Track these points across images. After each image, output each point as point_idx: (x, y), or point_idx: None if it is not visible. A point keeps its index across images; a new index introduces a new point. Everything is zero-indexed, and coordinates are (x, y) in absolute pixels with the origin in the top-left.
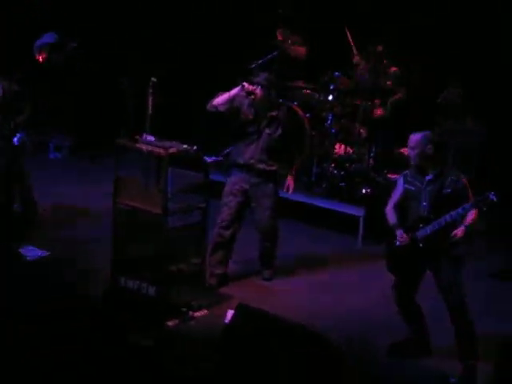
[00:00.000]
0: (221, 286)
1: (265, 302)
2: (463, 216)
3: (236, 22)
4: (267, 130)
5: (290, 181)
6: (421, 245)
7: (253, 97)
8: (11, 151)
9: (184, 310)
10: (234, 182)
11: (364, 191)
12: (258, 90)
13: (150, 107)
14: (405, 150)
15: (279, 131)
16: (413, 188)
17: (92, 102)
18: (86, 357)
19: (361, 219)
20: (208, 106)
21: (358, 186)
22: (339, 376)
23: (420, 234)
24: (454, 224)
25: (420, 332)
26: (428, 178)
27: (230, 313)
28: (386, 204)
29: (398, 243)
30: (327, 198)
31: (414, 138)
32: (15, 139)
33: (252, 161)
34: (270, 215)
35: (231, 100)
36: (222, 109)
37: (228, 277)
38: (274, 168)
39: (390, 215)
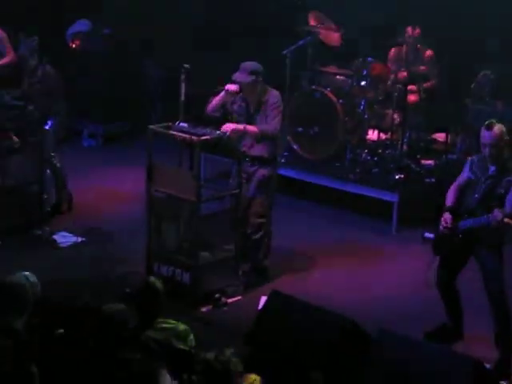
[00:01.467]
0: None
1: (297, 288)
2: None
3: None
4: (256, 116)
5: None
6: (460, 235)
7: (240, 94)
8: (41, 138)
9: (218, 296)
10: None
11: (397, 177)
12: (243, 87)
13: (183, 94)
14: (438, 136)
15: (265, 115)
16: (473, 177)
17: (123, 88)
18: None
19: (395, 205)
20: (206, 113)
21: (391, 171)
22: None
23: (461, 224)
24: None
25: (455, 316)
26: (491, 171)
27: (264, 299)
28: (418, 191)
29: (440, 227)
30: (361, 184)
31: (492, 134)
32: (47, 125)
33: (244, 148)
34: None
35: (221, 105)
36: (217, 114)
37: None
38: (265, 154)
39: (449, 196)
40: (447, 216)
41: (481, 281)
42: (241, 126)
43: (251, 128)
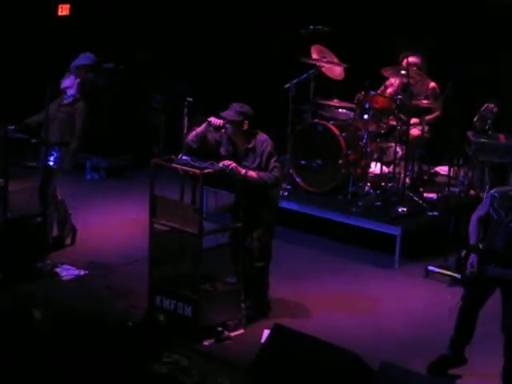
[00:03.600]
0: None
1: (298, 322)
2: None
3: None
4: (244, 162)
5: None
6: (489, 283)
7: (224, 131)
8: (46, 171)
9: (220, 329)
10: None
11: (400, 210)
12: (228, 125)
13: (186, 127)
14: (440, 169)
15: (256, 162)
16: (495, 216)
17: (127, 122)
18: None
19: (397, 238)
20: (185, 143)
21: (394, 204)
22: None
23: (491, 271)
24: None
25: (462, 342)
26: None
27: (267, 333)
28: (421, 224)
29: (468, 271)
30: (363, 217)
31: None
32: (51, 160)
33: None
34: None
35: (200, 137)
36: (194, 146)
37: None
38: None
39: (472, 232)
40: (474, 259)
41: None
42: (242, 170)
43: (251, 173)
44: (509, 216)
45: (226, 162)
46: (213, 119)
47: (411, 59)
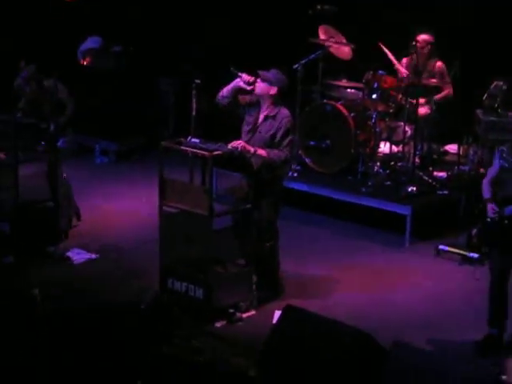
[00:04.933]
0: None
1: (310, 302)
2: None
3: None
4: (259, 128)
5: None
6: (506, 221)
7: (252, 87)
8: (54, 155)
9: (232, 311)
10: None
11: (410, 189)
12: (260, 83)
13: (194, 109)
14: (450, 148)
15: (270, 132)
16: (506, 165)
17: (136, 105)
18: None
19: (407, 218)
20: (215, 100)
21: (403, 184)
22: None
23: (508, 211)
24: None
25: (498, 318)
26: None
27: (278, 314)
28: (431, 203)
29: (489, 217)
30: (373, 197)
31: None
32: (60, 142)
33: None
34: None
35: (231, 92)
36: (224, 102)
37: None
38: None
39: (485, 190)
40: (492, 205)
41: None
42: (251, 149)
43: (261, 152)
44: None
45: (235, 143)
46: (244, 75)
47: (423, 36)
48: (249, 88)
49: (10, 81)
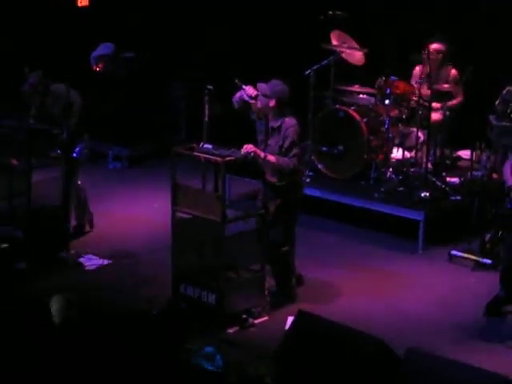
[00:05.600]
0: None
1: (322, 308)
2: None
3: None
4: (269, 141)
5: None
6: None
7: (253, 102)
8: (68, 161)
9: (244, 316)
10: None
11: (423, 195)
12: (260, 97)
13: (207, 115)
14: (463, 153)
15: (279, 144)
16: None
17: (148, 111)
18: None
19: (420, 223)
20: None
21: (416, 189)
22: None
23: None
24: None
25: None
26: None
27: (291, 319)
28: (444, 208)
29: (509, 206)
30: (386, 203)
31: None
32: (75, 152)
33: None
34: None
35: (240, 99)
36: (236, 106)
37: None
38: (275, 181)
39: (507, 176)
40: None
41: None
42: (262, 154)
43: (271, 158)
44: None
45: (247, 147)
46: (248, 88)
47: (435, 46)
48: (252, 102)
49: (19, 86)
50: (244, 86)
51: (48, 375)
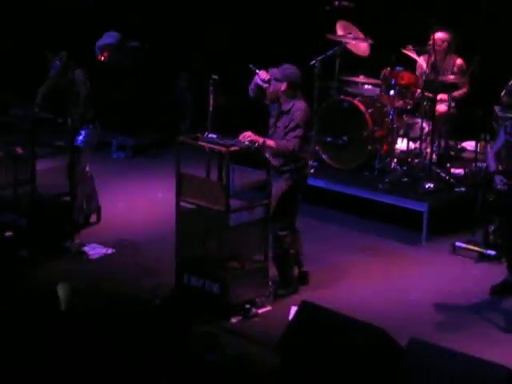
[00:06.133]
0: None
1: (326, 298)
2: None
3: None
4: (278, 123)
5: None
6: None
7: (267, 85)
8: (73, 150)
9: (247, 306)
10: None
11: (427, 186)
12: (272, 82)
13: (212, 105)
14: (467, 144)
15: (285, 125)
16: (511, 138)
17: (153, 100)
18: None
19: (424, 214)
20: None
21: (420, 181)
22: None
23: None
24: None
25: None
26: None
27: (294, 309)
28: (448, 200)
29: (498, 187)
30: (390, 194)
31: None
32: (79, 139)
33: (268, 156)
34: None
35: (255, 87)
36: (252, 94)
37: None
38: (281, 165)
39: (491, 163)
40: (500, 177)
41: None
42: (260, 139)
43: (270, 142)
44: None
45: (245, 135)
46: (261, 72)
47: (439, 35)
48: (265, 86)
49: (26, 75)
50: (258, 71)
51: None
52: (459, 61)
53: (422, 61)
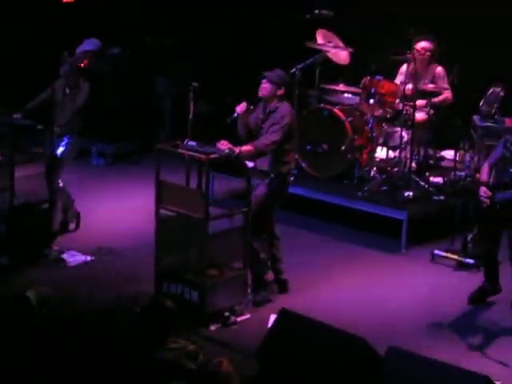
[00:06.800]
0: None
1: (306, 306)
2: None
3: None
4: (263, 124)
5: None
6: (497, 206)
7: (261, 93)
8: (52, 157)
9: (227, 314)
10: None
11: (406, 194)
12: (266, 85)
13: (192, 112)
14: (447, 153)
15: (272, 125)
16: (508, 154)
17: (132, 107)
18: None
19: (404, 223)
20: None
21: (400, 189)
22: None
23: (499, 196)
24: None
25: (494, 278)
26: None
27: (273, 317)
28: (427, 208)
29: (481, 198)
30: (369, 202)
31: None
32: (58, 151)
33: (252, 160)
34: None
35: (244, 126)
36: (246, 136)
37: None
38: (265, 168)
39: (483, 173)
40: (485, 189)
41: None
42: (236, 149)
43: (245, 149)
44: None
45: (222, 144)
46: (237, 108)
47: (422, 44)
48: (250, 111)
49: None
50: (235, 112)
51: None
52: (439, 69)
53: (403, 69)
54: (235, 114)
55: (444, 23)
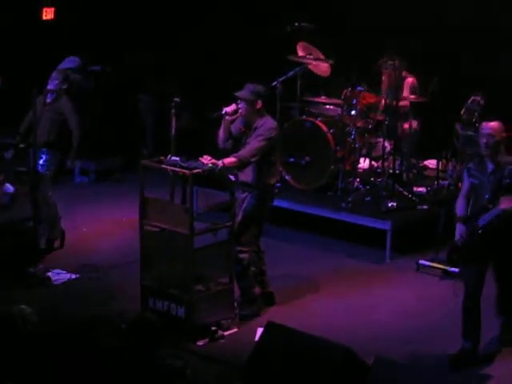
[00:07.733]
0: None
1: (292, 318)
2: None
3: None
4: (248, 140)
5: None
6: (480, 231)
7: (239, 112)
8: (35, 175)
9: (214, 329)
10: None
11: (390, 205)
12: (241, 104)
13: (174, 128)
14: (429, 163)
15: (256, 138)
16: (476, 182)
17: (115, 124)
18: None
19: (388, 233)
20: (220, 147)
21: (383, 199)
22: None
23: (481, 222)
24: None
25: (475, 333)
26: (490, 169)
27: (260, 330)
28: (411, 218)
29: (457, 237)
30: (353, 213)
31: (492, 125)
32: (40, 164)
33: (237, 171)
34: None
35: (226, 135)
36: (229, 147)
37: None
38: (249, 180)
39: (459, 206)
40: (461, 227)
41: None
42: (219, 162)
43: (229, 161)
44: (485, 174)
45: (204, 158)
46: (226, 108)
47: (386, 64)
48: (237, 115)
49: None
50: (223, 110)
51: None
52: (409, 79)
53: (385, 78)
54: (223, 112)
55: (423, 34)
